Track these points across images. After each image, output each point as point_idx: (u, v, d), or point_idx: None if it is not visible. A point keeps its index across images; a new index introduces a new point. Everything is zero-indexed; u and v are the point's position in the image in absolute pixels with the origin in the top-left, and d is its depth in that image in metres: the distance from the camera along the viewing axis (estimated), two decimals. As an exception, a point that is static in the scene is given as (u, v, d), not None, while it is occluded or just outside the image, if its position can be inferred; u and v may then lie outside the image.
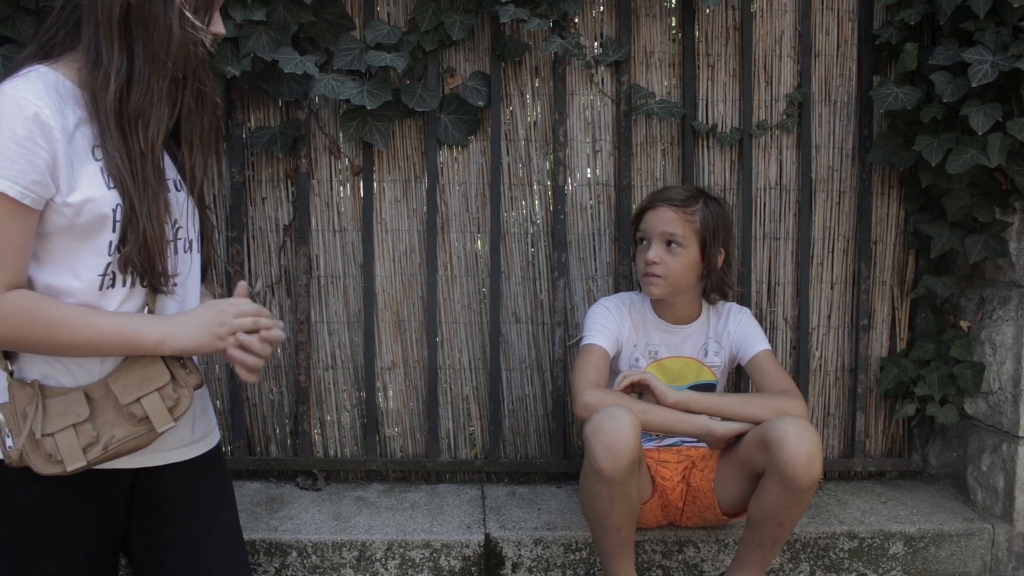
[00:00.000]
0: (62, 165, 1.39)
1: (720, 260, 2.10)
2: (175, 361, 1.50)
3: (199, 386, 1.52)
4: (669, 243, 2.05)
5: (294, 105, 2.38)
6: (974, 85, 2.06)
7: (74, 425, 1.44)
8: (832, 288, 2.51)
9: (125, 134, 1.44)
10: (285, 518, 2.22)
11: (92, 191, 1.42)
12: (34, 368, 1.47)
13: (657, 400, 1.93)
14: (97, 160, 1.44)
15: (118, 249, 1.45)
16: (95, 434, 1.45)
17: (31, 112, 1.36)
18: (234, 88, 2.35)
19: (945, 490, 2.48)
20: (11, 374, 1.46)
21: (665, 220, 2.05)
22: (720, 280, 2.12)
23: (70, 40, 1.47)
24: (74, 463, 1.43)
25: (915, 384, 2.44)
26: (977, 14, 2.08)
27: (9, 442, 1.43)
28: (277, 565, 2.13)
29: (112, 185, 1.44)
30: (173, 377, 1.49)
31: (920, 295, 2.46)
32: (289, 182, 2.42)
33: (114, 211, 1.44)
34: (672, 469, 2.13)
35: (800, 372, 2.47)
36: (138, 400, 1.47)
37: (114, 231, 1.45)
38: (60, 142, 1.39)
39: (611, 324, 2.12)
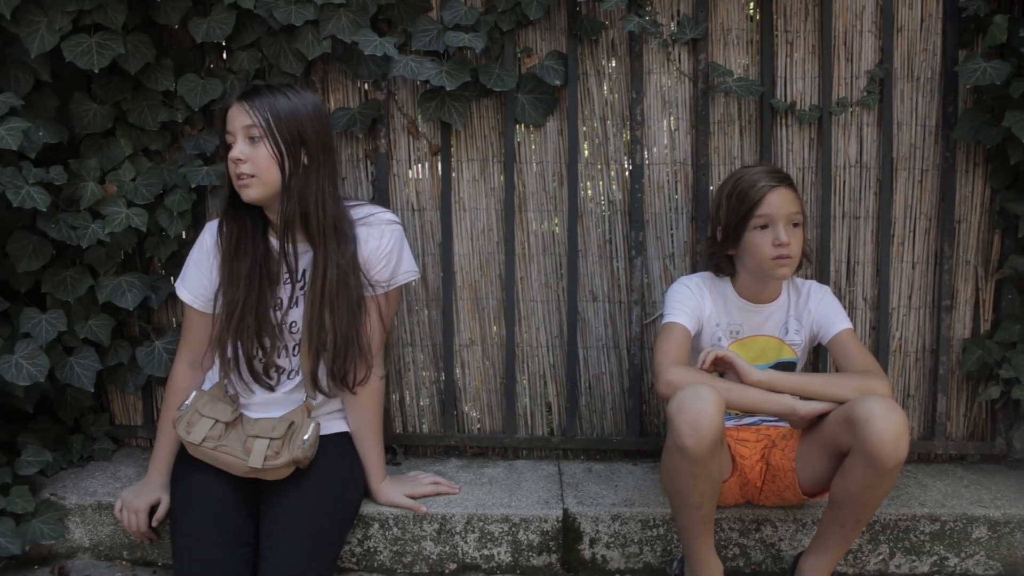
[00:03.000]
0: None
1: None
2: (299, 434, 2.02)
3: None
4: (794, 223, 2.05)
5: (373, 86, 2.42)
6: (1067, 59, 2.01)
7: (216, 420, 2.01)
8: (913, 268, 2.48)
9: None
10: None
11: None
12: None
13: (740, 378, 1.93)
14: None
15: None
16: (216, 436, 2.01)
17: (199, 240, 2.18)
18: (314, 69, 2.40)
19: (1030, 474, 2.44)
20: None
21: (790, 201, 2.05)
22: (807, 252, 2.14)
23: None
24: (191, 439, 2.00)
25: (999, 366, 2.39)
26: (1071, -15, 2.03)
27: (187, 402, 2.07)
28: (360, 536, 2.18)
29: None
30: (286, 441, 2.00)
31: (1006, 275, 2.41)
32: (368, 162, 2.46)
33: None
34: (751, 448, 2.13)
35: (880, 353, 2.44)
36: (255, 437, 2.00)
37: None
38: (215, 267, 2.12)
39: (692, 303, 2.12)
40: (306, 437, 2.00)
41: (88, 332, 2.34)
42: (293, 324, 2.08)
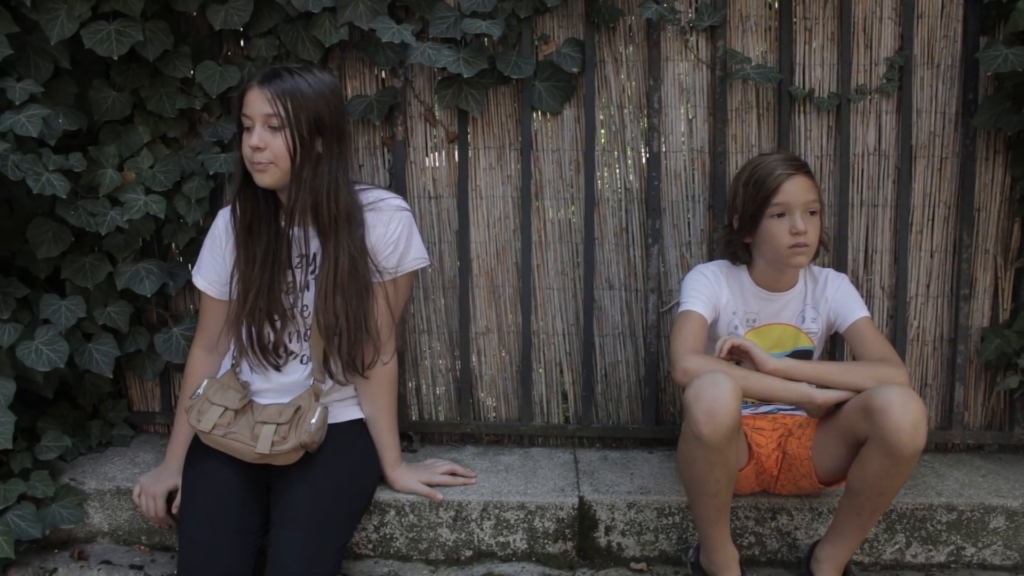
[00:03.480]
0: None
1: None
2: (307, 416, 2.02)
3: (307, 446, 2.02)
4: (811, 211, 2.04)
5: (390, 73, 2.42)
6: (1091, 46, 1.99)
7: (225, 408, 2.02)
8: (932, 256, 2.46)
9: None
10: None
11: None
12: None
13: (757, 367, 1.92)
14: None
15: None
16: (226, 423, 2.02)
17: (212, 228, 2.22)
18: (331, 56, 2.40)
19: (1049, 464, 2.43)
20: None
21: (807, 188, 2.04)
22: (824, 240, 2.13)
23: None
24: (201, 427, 2.01)
25: (1018, 356, 2.38)
26: (1095, -29, 2.01)
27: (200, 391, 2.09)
28: (376, 523, 2.19)
29: None
30: (293, 425, 2.00)
31: (1025, 264, 2.40)
32: (385, 149, 2.46)
33: None
34: (767, 436, 2.13)
35: (897, 342, 2.43)
36: (262, 423, 2.01)
37: None
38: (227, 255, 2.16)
39: (709, 291, 2.12)
40: (313, 421, 2.00)
41: (107, 318, 2.35)
42: (304, 308, 2.08)
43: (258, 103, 1.94)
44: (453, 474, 2.28)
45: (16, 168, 2.08)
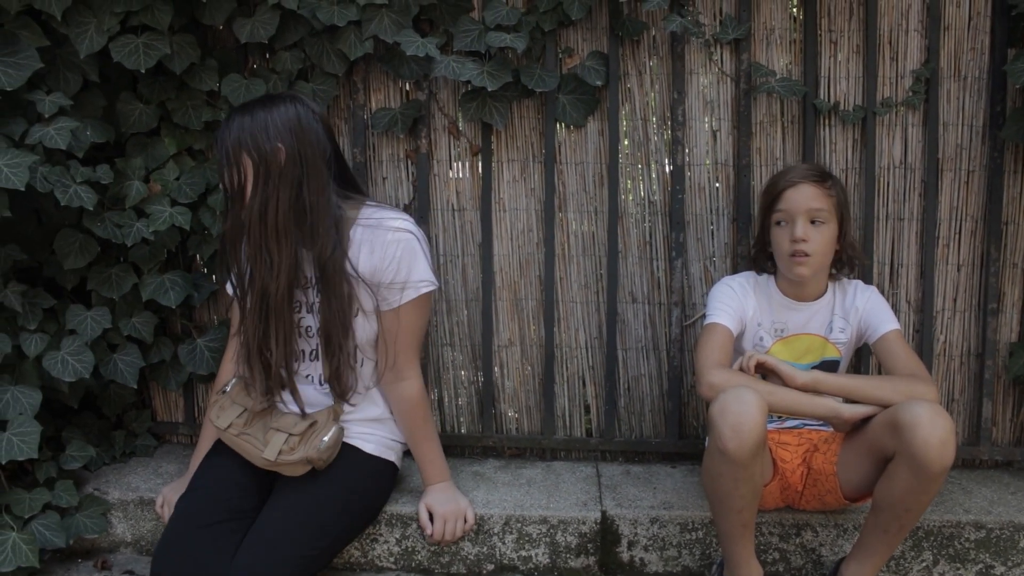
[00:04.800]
0: None
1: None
2: (319, 435, 2.00)
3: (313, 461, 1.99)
4: (813, 220, 2.02)
5: (414, 86, 2.42)
6: (1121, 58, 1.97)
7: (244, 409, 2.05)
8: (959, 270, 2.44)
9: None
10: (405, 490, 2.28)
11: None
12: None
13: (785, 383, 1.90)
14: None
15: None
16: (242, 424, 2.04)
17: None
18: (356, 70, 2.41)
19: (1078, 481, 2.39)
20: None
21: (810, 196, 2.02)
22: (852, 253, 2.10)
23: None
24: (218, 423, 2.05)
25: (1047, 371, 2.35)
26: (1126, -17, 1.99)
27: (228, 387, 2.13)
28: (398, 536, 2.19)
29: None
30: (304, 439, 1.99)
31: (1054, 278, 2.37)
32: (409, 162, 2.47)
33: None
34: (792, 452, 2.11)
35: (924, 356, 2.41)
36: (276, 430, 2.00)
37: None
38: None
39: (735, 303, 2.11)
40: (325, 439, 1.98)
41: (132, 329, 2.37)
42: (308, 328, 2.08)
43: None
44: (463, 531, 2.19)
45: (45, 180, 2.10)
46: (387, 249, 2.00)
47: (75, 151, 2.17)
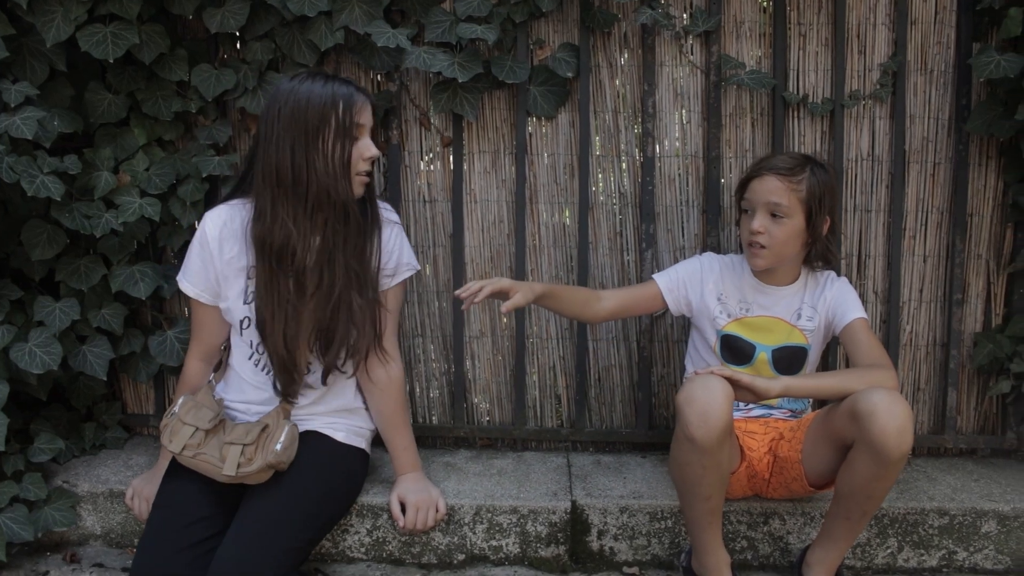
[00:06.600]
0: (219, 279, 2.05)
1: (825, 228, 2.08)
2: (273, 437, 1.98)
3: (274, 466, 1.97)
4: (773, 213, 2.04)
5: (385, 77, 2.42)
6: (1082, 52, 1.99)
7: (196, 428, 1.99)
8: (925, 261, 2.47)
9: (270, 264, 1.95)
10: (376, 481, 2.28)
11: (231, 303, 2.05)
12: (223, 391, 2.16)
13: (758, 397, 1.87)
14: (249, 279, 2.01)
15: (257, 349, 2.08)
16: (196, 444, 1.99)
17: (200, 234, 2.04)
18: (327, 60, 2.40)
19: (1040, 469, 2.43)
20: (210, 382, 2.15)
21: (770, 190, 2.04)
22: (825, 248, 2.11)
23: (249, 185, 2.02)
24: (172, 448, 1.99)
25: (1011, 360, 2.39)
26: (1087, -22, 2.02)
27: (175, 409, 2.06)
28: (368, 526, 2.19)
29: (248, 301, 2.03)
30: (259, 446, 1.96)
31: (1018, 269, 2.40)
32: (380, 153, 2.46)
33: (241, 322, 2.06)
34: (759, 440, 2.13)
35: (890, 346, 2.44)
36: (230, 444, 1.96)
37: (248, 334, 2.07)
38: (216, 260, 2.03)
39: (687, 277, 2.21)
40: (280, 440, 1.96)
41: (101, 321, 2.35)
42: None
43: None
44: (433, 520, 2.19)
45: (11, 170, 2.08)
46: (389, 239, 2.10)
47: (42, 141, 2.16)
